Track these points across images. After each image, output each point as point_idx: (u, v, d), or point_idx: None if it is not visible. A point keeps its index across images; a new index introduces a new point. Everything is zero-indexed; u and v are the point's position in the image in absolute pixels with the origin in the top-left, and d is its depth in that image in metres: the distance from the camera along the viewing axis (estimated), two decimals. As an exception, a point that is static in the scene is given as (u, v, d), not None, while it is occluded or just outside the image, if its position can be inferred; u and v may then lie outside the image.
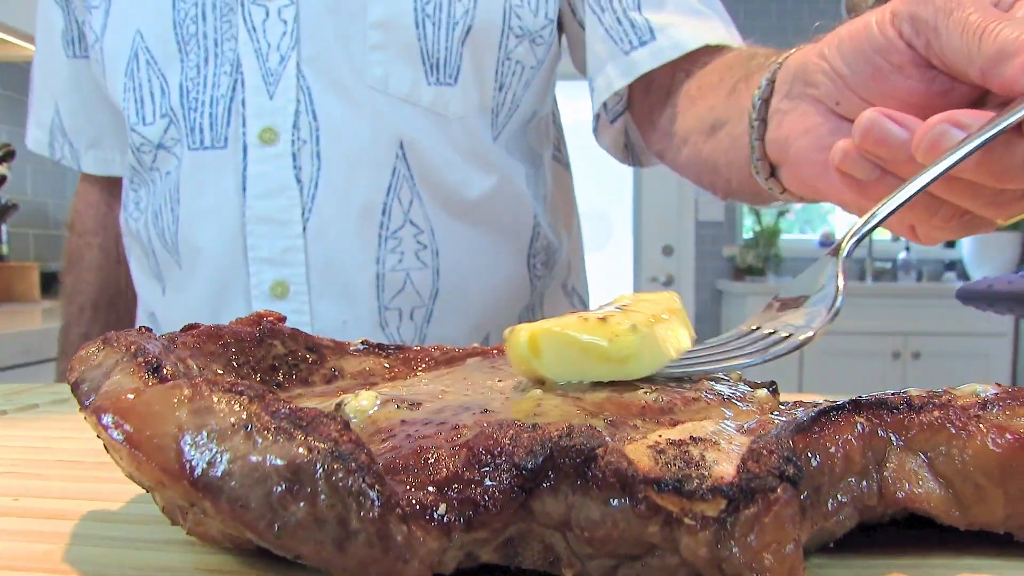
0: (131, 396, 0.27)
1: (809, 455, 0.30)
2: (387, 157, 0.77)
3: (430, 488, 0.28)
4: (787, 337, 0.38)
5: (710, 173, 0.68)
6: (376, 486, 0.26)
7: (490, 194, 0.81)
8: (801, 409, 0.37)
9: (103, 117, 0.94)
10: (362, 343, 0.46)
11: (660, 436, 0.30)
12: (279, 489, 0.25)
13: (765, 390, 0.40)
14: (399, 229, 0.78)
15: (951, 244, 3.96)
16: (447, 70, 0.77)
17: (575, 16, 0.82)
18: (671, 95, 0.75)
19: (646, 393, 0.35)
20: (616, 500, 0.27)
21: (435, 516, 0.27)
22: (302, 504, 0.25)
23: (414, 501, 0.27)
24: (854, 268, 3.99)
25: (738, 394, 0.39)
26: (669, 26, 0.75)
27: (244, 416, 0.27)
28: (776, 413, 0.37)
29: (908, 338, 3.49)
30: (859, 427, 0.32)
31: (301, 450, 0.26)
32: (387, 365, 0.45)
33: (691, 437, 0.30)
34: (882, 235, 3.91)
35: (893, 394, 0.34)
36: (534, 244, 0.86)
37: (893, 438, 0.33)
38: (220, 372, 0.39)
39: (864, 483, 0.32)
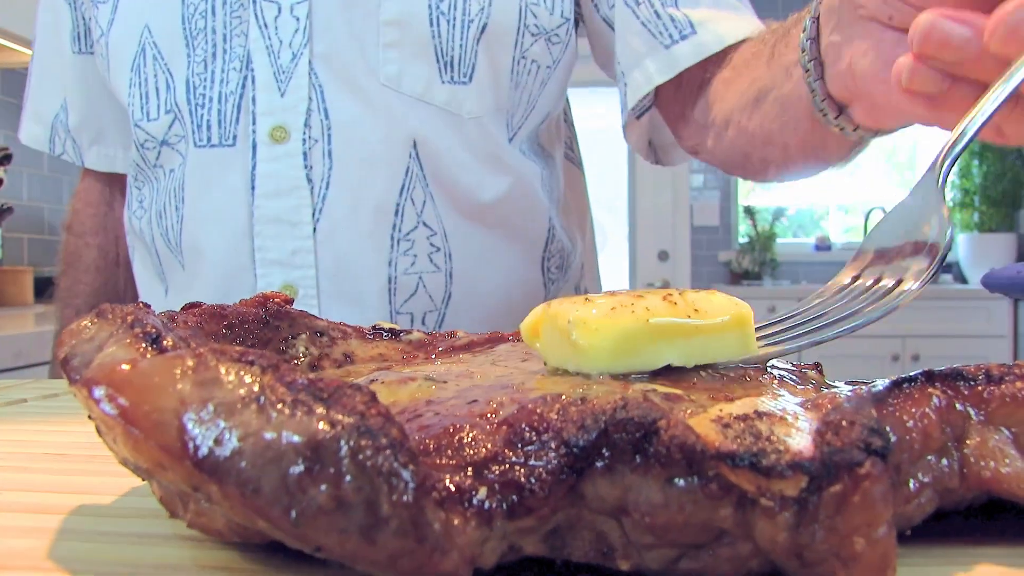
0: (126, 367, 0.24)
1: (888, 430, 0.27)
2: (400, 157, 0.75)
3: (467, 470, 0.24)
4: (894, 287, 0.34)
5: (761, 147, 0.66)
6: (410, 465, 0.22)
7: (504, 196, 0.79)
8: (857, 387, 0.34)
9: (107, 113, 0.92)
10: (375, 328, 0.43)
11: (722, 410, 0.26)
12: (297, 470, 0.22)
13: (814, 370, 0.37)
14: (412, 231, 0.76)
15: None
16: (462, 68, 0.75)
17: (598, 12, 0.79)
18: (703, 88, 0.73)
19: (698, 373, 0.32)
20: (681, 479, 0.24)
21: (474, 502, 0.24)
22: (324, 487, 0.22)
23: (450, 484, 0.24)
24: (851, 271, 3.96)
25: (787, 372, 0.35)
26: (708, 20, 0.74)
27: (256, 388, 0.23)
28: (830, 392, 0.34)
29: (906, 340, 3.46)
30: (935, 400, 0.29)
31: (322, 425, 0.22)
32: (402, 350, 0.42)
33: (756, 411, 0.26)
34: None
35: (969, 366, 0.31)
36: (548, 247, 0.83)
37: (972, 412, 0.29)
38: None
39: (944, 462, 0.28)
